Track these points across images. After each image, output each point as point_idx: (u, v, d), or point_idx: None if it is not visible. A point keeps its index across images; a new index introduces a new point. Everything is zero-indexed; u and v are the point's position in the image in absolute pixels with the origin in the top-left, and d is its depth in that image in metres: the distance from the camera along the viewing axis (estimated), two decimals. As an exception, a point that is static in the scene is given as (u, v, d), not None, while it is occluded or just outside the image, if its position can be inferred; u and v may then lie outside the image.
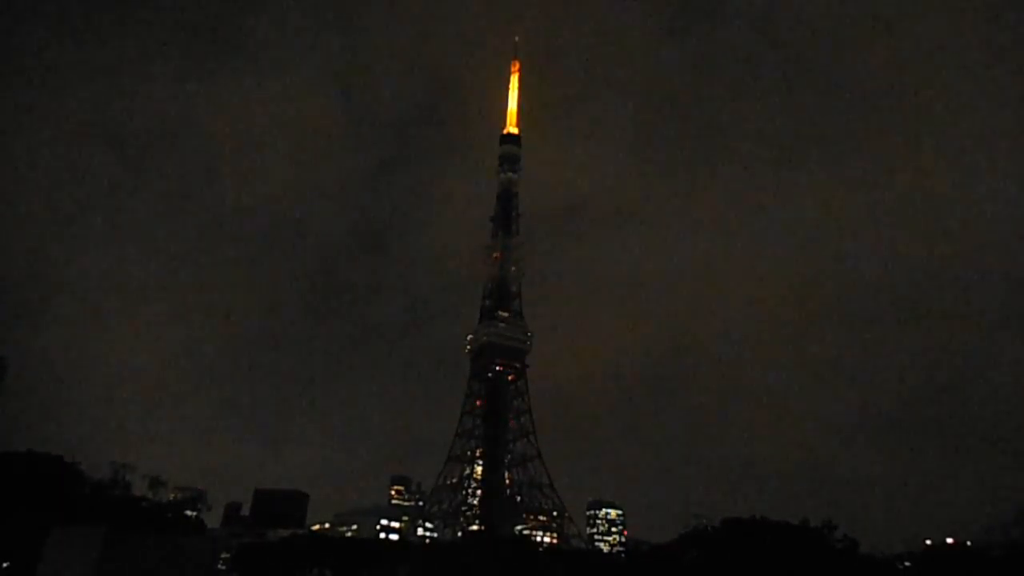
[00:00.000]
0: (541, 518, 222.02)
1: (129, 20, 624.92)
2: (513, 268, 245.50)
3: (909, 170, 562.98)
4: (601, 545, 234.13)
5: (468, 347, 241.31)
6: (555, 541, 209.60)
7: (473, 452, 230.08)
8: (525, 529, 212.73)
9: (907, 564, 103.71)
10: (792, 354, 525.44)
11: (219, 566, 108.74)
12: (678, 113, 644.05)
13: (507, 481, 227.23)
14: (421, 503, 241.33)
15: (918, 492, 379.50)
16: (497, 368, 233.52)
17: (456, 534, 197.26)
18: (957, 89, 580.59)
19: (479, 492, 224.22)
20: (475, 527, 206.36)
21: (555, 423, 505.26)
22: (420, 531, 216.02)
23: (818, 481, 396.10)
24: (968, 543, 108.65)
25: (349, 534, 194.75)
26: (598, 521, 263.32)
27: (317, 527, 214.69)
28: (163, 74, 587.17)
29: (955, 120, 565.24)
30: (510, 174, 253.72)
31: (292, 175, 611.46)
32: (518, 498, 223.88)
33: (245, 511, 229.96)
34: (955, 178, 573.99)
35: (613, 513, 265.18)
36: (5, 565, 66.88)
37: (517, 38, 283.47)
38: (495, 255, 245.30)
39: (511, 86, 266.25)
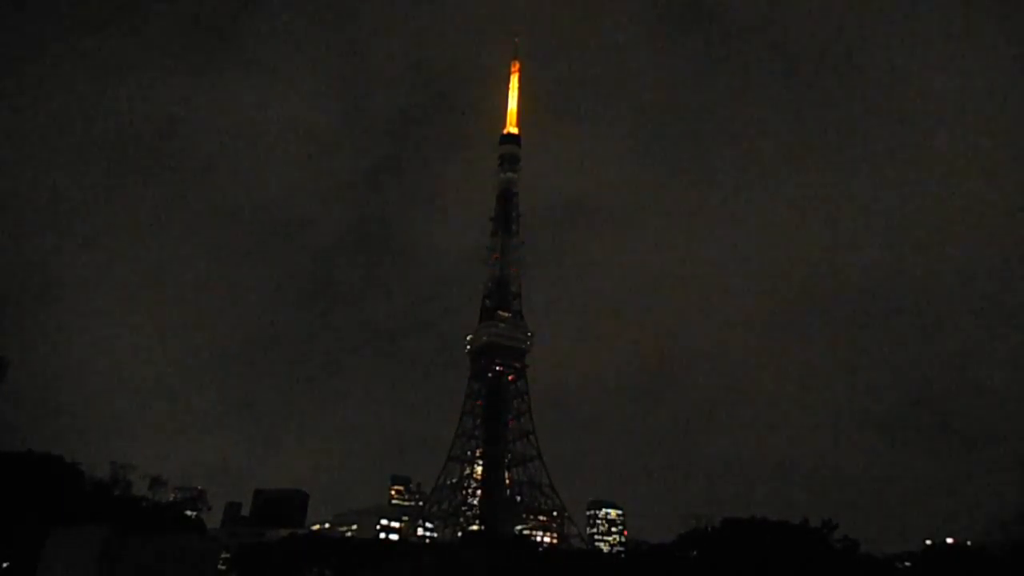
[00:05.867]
0: (541, 518, 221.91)
1: (128, 20, 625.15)
2: (513, 268, 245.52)
3: (906, 171, 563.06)
4: (601, 545, 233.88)
5: (468, 347, 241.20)
6: (555, 541, 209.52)
7: (473, 452, 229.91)
8: (525, 529, 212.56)
9: (907, 564, 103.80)
10: (792, 354, 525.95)
11: (219, 566, 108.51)
12: (678, 114, 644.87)
13: (507, 481, 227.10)
14: (421, 503, 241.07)
15: (918, 492, 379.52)
16: (497, 368, 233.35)
17: (456, 534, 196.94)
18: (957, 89, 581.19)
19: (479, 492, 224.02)
20: (475, 527, 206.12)
21: (555, 423, 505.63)
22: (420, 531, 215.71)
23: (818, 481, 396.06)
24: (968, 543, 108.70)
25: (349, 534, 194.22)
26: (598, 521, 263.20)
27: (317, 527, 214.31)
28: (163, 74, 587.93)
29: (954, 121, 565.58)
30: (510, 174, 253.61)
31: (291, 175, 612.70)
32: (518, 498, 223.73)
33: (245, 511, 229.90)
34: (953, 179, 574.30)
35: (613, 513, 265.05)
36: (5, 565, 66.81)
37: (517, 39, 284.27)
38: (495, 255, 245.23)
39: (511, 86, 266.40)
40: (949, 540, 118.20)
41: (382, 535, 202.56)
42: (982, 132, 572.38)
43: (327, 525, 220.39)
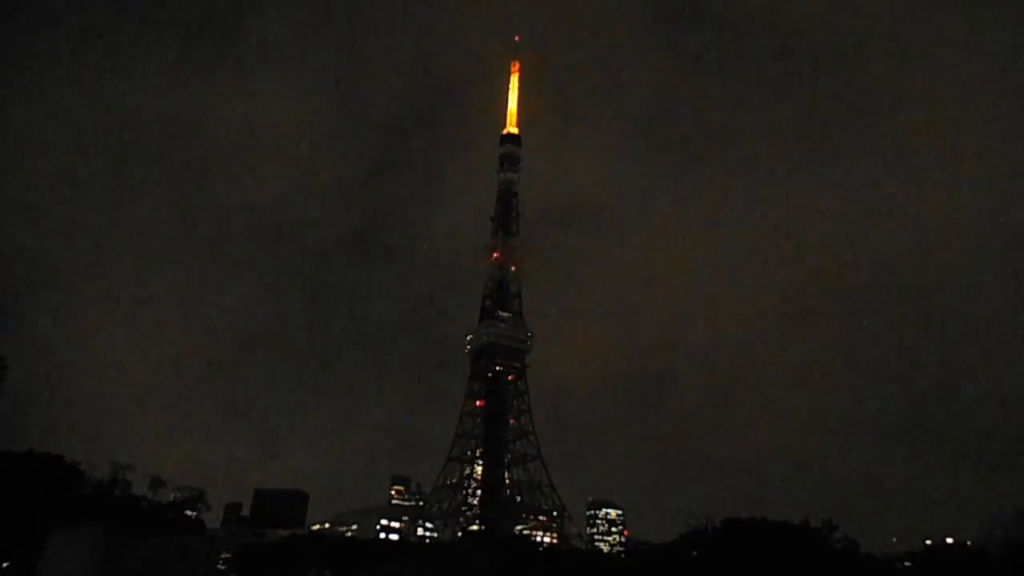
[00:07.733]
0: (541, 518, 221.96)
1: (127, 20, 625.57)
2: (513, 268, 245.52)
3: (906, 171, 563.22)
4: (601, 545, 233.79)
5: (468, 347, 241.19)
6: (555, 541, 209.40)
7: (473, 452, 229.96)
8: (525, 529, 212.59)
9: (907, 564, 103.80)
10: (793, 353, 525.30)
11: (219, 566, 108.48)
12: (678, 113, 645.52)
13: (507, 481, 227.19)
14: (421, 503, 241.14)
15: (918, 492, 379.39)
16: (497, 368, 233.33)
17: (456, 534, 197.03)
18: (958, 90, 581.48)
19: (479, 492, 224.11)
20: (475, 527, 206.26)
21: (555, 423, 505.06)
22: (420, 531, 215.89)
23: (818, 481, 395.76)
24: (968, 543, 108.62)
25: (349, 534, 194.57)
26: (598, 521, 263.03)
27: (317, 527, 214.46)
28: (162, 74, 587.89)
29: (954, 121, 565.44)
30: (510, 174, 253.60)
31: (291, 175, 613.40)
32: (518, 498, 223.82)
33: (245, 511, 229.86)
34: (952, 180, 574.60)
35: (613, 513, 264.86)
36: (5, 565, 66.87)
37: (517, 38, 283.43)
38: (495, 255, 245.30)
39: (511, 86, 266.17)
40: (949, 540, 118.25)
41: (382, 535, 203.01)
42: (986, 132, 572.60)
43: (327, 525, 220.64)
